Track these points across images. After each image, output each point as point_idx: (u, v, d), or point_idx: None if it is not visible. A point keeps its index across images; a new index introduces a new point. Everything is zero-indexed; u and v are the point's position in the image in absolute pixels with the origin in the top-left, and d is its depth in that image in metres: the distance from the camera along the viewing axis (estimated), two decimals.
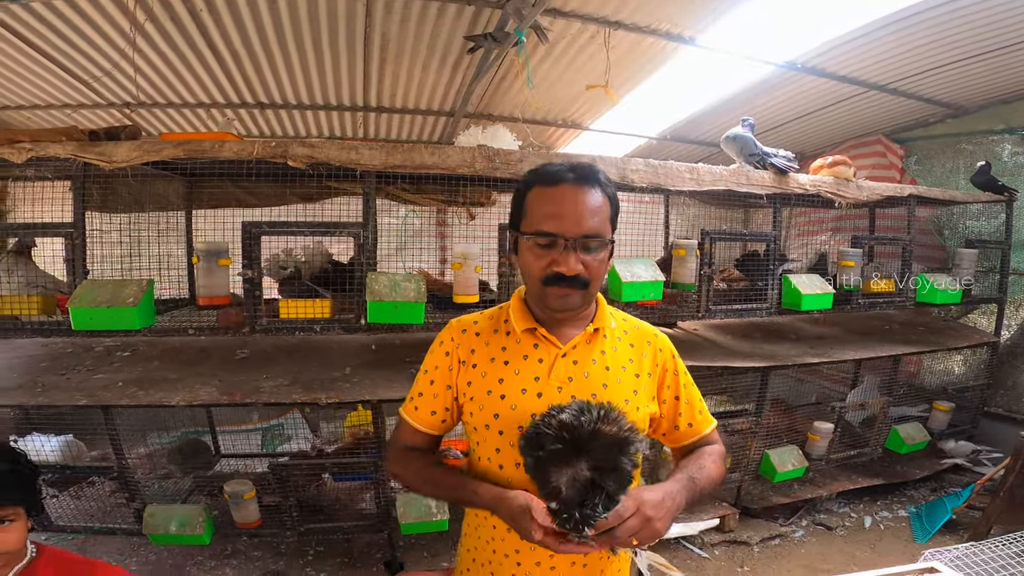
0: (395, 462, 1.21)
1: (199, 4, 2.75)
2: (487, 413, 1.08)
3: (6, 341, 2.64)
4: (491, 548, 1.13)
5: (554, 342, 1.11)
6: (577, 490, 0.90)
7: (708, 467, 1.15)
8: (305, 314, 2.18)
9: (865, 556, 2.80)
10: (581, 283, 1.04)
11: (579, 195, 1.04)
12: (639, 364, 1.16)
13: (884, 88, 3.85)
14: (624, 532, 0.91)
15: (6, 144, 2.02)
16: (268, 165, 2.18)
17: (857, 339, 3.37)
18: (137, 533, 2.42)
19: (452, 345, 1.15)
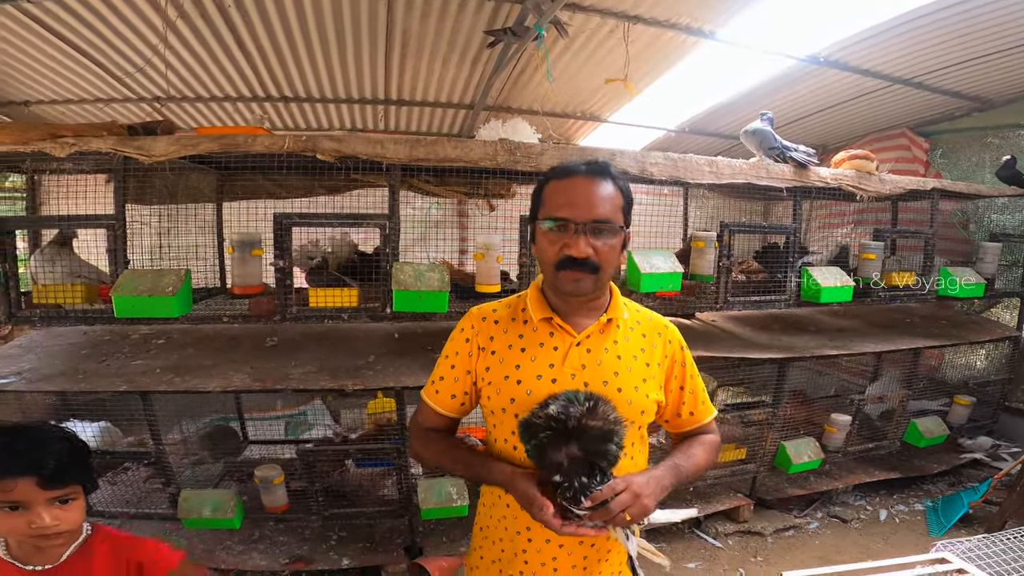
0: (416, 441, 1.28)
1: (227, 1, 2.81)
2: (504, 397, 1.14)
3: (48, 329, 2.76)
4: (503, 526, 1.19)
5: (569, 331, 1.16)
6: (573, 467, 1.00)
7: (697, 455, 1.22)
8: (333, 303, 2.24)
9: (879, 548, 2.81)
10: (591, 267, 1.09)
11: (590, 185, 1.11)
12: (650, 354, 1.21)
13: (908, 82, 3.80)
14: (617, 505, 1.00)
15: (48, 138, 2.09)
16: (297, 158, 2.24)
17: (877, 332, 3.36)
18: (171, 518, 2.51)
19: (472, 332, 1.21)
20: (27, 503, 1.10)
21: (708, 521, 3.01)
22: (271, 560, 2.42)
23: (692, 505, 1.22)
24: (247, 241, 2.29)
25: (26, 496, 1.10)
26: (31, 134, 2.10)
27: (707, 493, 3.09)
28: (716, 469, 3.02)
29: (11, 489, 1.08)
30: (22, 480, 1.09)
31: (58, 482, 1.13)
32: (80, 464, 1.20)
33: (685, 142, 5.39)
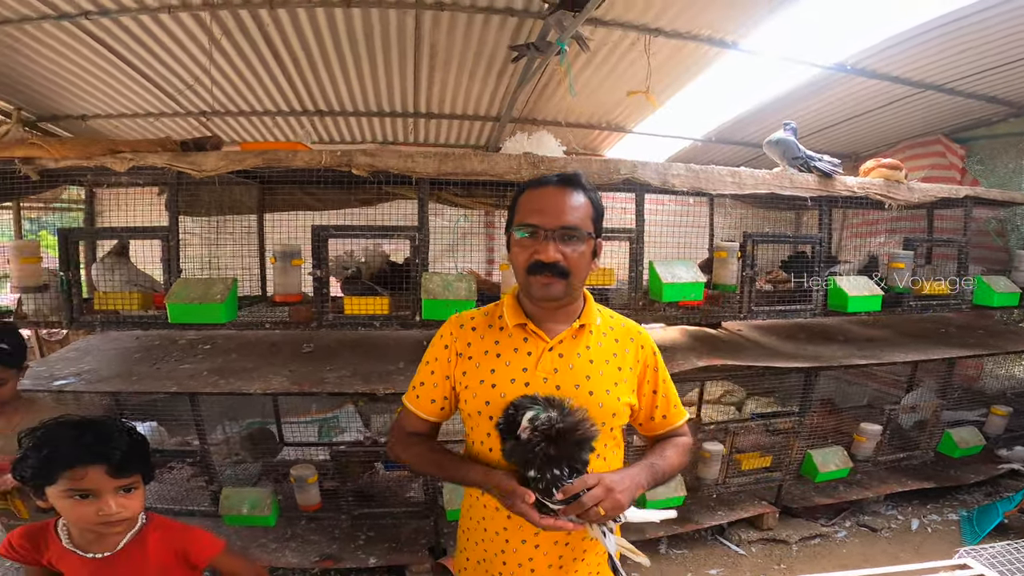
0: (397, 445, 1.32)
1: (266, 20, 2.97)
2: (480, 401, 1.18)
3: (104, 334, 2.96)
4: (482, 527, 1.23)
5: (542, 336, 1.21)
6: (546, 462, 1.04)
7: (670, 456, 1.27)
8: (366, 311, 2.35)
9: (908, 558, 2.77)
10: (560, 271, 1.14)
11: (560, 194, 1.17)
12: (622, 358, 1.25)
13: (940, 88, 3.74)
14: (589, 499, 1.04)
15: (109, 154, 2.26)
16: (333, 172, 2.36)
17: (909, 342, 3.31)
18: (212, 515, 2.64)
19: (451, 339, 1.26)
20: (97, 491, 1.19)
21: (731, 528, 3.01)
22: (302, 558, 2.52)
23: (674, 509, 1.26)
24: (288, 252, 2.43)
25: (96, 484, 1.19)
26: (93, 149, 2.26)
27: (730, 500, 3.09)
28: (740, 477, 3.02)
29: (83, 477, 1.17)
30: (93, 469, 1.18)
31: (124, 471, 1.22)
32: (141, 455, 1.29)
33: (711, 151, 5.39)
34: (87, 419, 1.30)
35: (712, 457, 2.91)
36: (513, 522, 1.17)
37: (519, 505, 1.05)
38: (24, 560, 1.28)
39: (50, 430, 1.23)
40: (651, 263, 2.57)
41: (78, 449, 1.19)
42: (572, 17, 2.51)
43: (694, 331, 3.38)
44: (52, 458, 1.18)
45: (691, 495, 2.90)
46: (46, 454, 1.19)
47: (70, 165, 2.27)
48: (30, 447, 1.21)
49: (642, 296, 2.61)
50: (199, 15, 2.85)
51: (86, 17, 2.78)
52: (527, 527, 1.15)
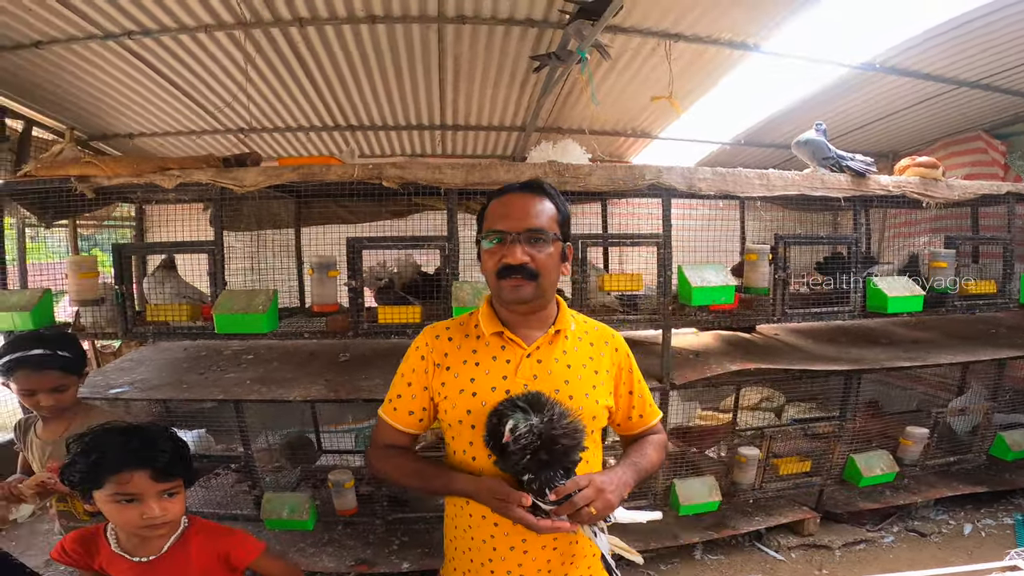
0: (376, 460, 1.31)
1: (296, 37, 3.09)
2: (460, 410, 1.19)
3: (155, 344, 3.13)
4: (469, 535, 1.22)
5: (519, 343, 1.23)
6: (539, 464, 1.06)
7: (649, 454, 1.30)
8: (399, 319, 2.42)
9: (960, 563, 2.67)
10: (529, 273, 1.16)
11: (523, 199, 1.20)
12: (598, 362, 1.27)
13: (976, 84, 3.63)
14: (581, 499, 1.05)
15: (158, 171, 2.39)
16: (365, 185, 2.44)
17: (957, 343, 3.21)
18: (254, 519, 2.72)
19: (427, 350, 1.26)
20: (141, 495, 1.24)
21: (769, 534, 2.95)
22: (338, 562, 2.58)
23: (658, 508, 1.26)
24: (325, 263, 2.53)
25: (140, 488, 1.24)
26: (144, 167, 2.40)
27: (768, 506, 3.03)
28: (778, 482, 2.96)
29: (128, 481, 1.23)
30: (138, 473, 1.23)
31: (167, 476, 1.27)
32: (183, 460, 1.34)
33: (741, 155, 5.32)
34: (132, 425, 1.35)
35: (748, 462, 2.86)
36: (500, 529, 1.17)
37: (515, 510, 1.05)
38: (76, 564, 1.34)
39: (98, 436, 1.28)
40: (679, 267, 2.56)
41: (125, 454, 1.24)
42: (591, 26, 2.53)
43: (727, 336, 3.34)
44: (99, 463, 1.23)
45: (726, 500, 2.86)
46: (94, 459, 1.24)
47: (122, 182, 2.39)
48: (78, 452, 1.27)
49: (671, 301, 2.61)
50: (233, 34, 2.98)
51: (129, 37, 2.92)
52: (514, 534, 1.16)
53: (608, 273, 2.68)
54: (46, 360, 1.72)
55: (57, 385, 1.74)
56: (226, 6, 2.74)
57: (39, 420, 1.84)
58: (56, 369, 1.73)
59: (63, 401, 1.77)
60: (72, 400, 1.82)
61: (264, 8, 2.77)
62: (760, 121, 4.41)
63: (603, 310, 2.67)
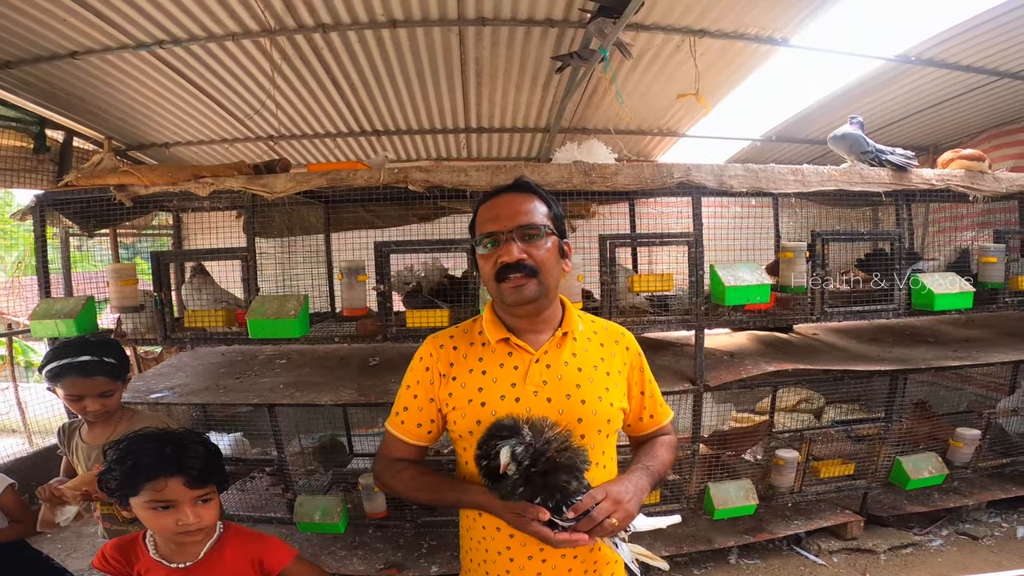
0: (385, 474, 1.27)
1: (320, 43, 3.13)
2: (470, 420, 1.15)
3: (194, 351, 3.21)
4: (483, 547, 1.19)
5: (526, 348, 1.18)
6: (546, 487, 1.01)
7: (661, 455, 1.25)
8: (427, 323, 2.42)
9: (1014, 566, 2.60)
10: (528, 270, 1.12)
11: (511, 199, 1.17)
12: (609, 363, 1.22)
13: (1018, 75, 3.48)
14: (600, 513, 1.01)
15: (192, 179, 2.45)
16: (392, 190, 2.46)
17: (1010, 341, 3.07)
18: (287, 522, 2.76)
19: (432, 360, 1.23)
20: (176, 501, 1.26)
21: (809, 538, 2.88)
22: (369, 565, 2.60)
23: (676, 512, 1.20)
24: (353, 268, 2.55)
25: (176, 495, 1.25)
26: (179, 175, 2.46)
27: (808, 509, 2.94)
28: (818, 485, 2.87)
29: (163, 488, 1.24)
30: (172, 480, 1.25)
31: (201, 482, 1.29)
32: (217, 466, 1.36)
33: (774, 151, 5.19)
34: (166, 432, 1.38)
35: (786, 465, 2.78)
36: (516, 540, 1.13)
37: (532, 525, 1.01)
38: (117, 572, 1.35)
39: (133, 443, 1.30)
40: (712, 267, 2.50)
41: (160, 461, 1.26)
42: (612, 24, 2.49)
43: (763, 336, 3.26)
44: (135, 471, 1.25)
45: (763, 504, 2.78)
46: (130, 466, 1.26)
47: (158, 191, 2.46)
48: (114, 459, 1.29)
49: (704, 301, 2.54)
50: (259, 41, 3.05)
51: (160, 46, 3.00)
52: (532, 544, 1.12)
53: (637, 274, 2.63)
54: (93, 366, 1.75)
55: (104, 391, 1.78)
56: (251, 14, 2.80)
57: (83, 424, 1.89)
58: (103, 375, 1.77)
59: (109, 406, 1.81)
60: (117, 405, 1.86)
61: (287, 15, 2.82)
62: (792, 116, 4.29)
63: (633, 311, 2.62)
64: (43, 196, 2.59)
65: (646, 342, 2.78)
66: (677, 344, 3.06)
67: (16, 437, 4.61)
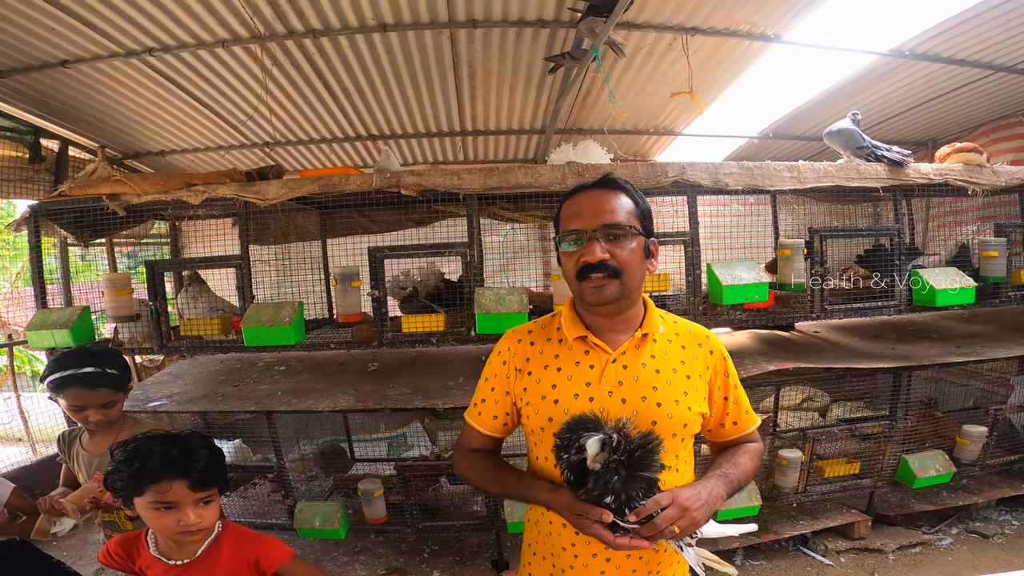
0: (461, 463, 1.30)
1: (311, 49, 3.12)
2: (543, 417, 1.15)
3: (193, 359, 3.20)
4: (551, 541, 1.19)
5: (604, 348, 1.17)
6: (620, 486, 0.99)
7: (743, 463, 1.21)
8: (423, 328, 2.42)
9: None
10: (611, 271, 1.11)
11: (596, 196, 1.15)
12: (690, 366, 1.19)
13: (1013, 69, 3.45)
14: (663, 520, 0.99)
15: (184, 187, 2.44)
16: (385, 194, 2.45)
17: (1015, 336, 3.03)
18: (288, 528, 2.75)
19: (509, 355, 1.24)
20: (178, 503, 1.29)
21: (816, 538, 2.86)
22: (370, 571, 2.61)
23: (751, 521, 1.16)
24: (347, 274, 2.54)
25: (178, 497, 1.29)
26: (171, 184, 2.46)
27: (813, 509, 2.93)
28: (823, 484, 2.85)
29: (167, 490, 1.28)
30: (176, 483, 1.28)
31: (203, 485, 1.32)
32: (220, 469, 1.39)
33: (771, 148, 5.16)
34: (172, 435, 1.41)
35: (790, 464, 2.75)
36: (581, 537, 1.12)
37: (593, 527, 1.00)
38: (120, 567, 1.40)
39: (139, 445, 1.34)
40: (709, 266, 2.48)
41: (164, 464, 1.29)
42: (603, 23, 2.47)
43: (764, 334, 3.23)
44: (140, 473, 1.29)
45: (767, 504, 2.76)
46: (136, 468, 1.29)
47: (151, 200, 2.45)
48: (121, 460, 1.32)
49: (702, 301, 2.52)
50: (250, 47, 3.04)
51: (151, 54, 2.99)
52: (596, 542, 1.10)
53: None
54: (96, 378, 1.77)
55: (106, 401, 1.80)
56: (240, 20, 2.79)
57: (84, 432, 1.89)
58: (106, 386, 1.79)
59: (111, 416, 1.83)
60: (119, 414, 1.88)
61: (277, 21, 2.81)
62: (788, 113, 4.26)
63: None
64: (37, 206, 2.59)
65: None
66: None
67: (19, 446, 4.63)
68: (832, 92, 3.81)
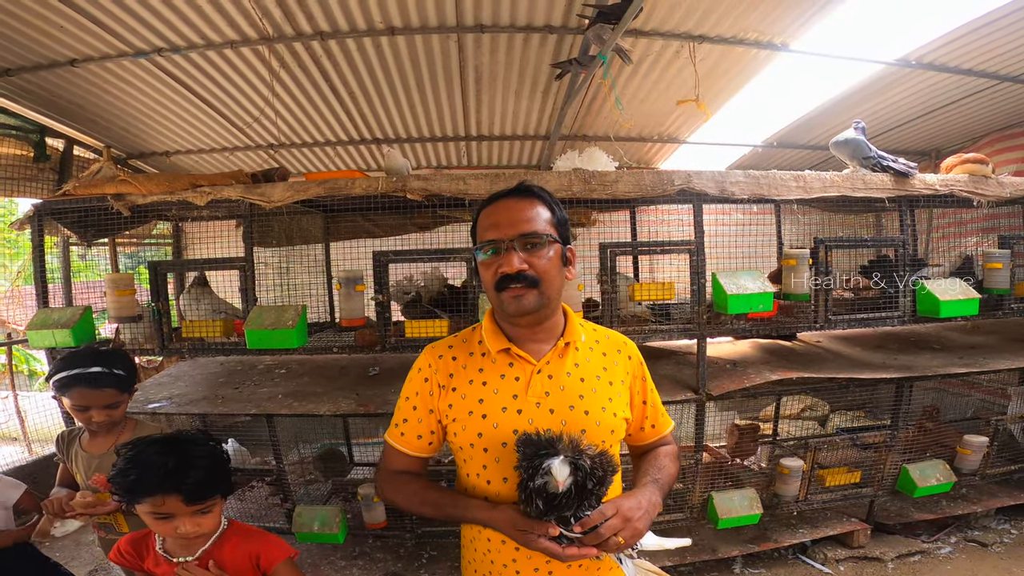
0: (387, 487, 1.25)
1: (318, 51, 3.12)
2: (471, 433, 1.13)
3: (193, 360, 3.19)
4: (489, 559, 1.17)
5: (528, 359, 1.16)
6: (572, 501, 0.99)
7: (667, 466, 1.23)
8: (426, 333, 2.40)
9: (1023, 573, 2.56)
10: (529, 280, 1.10)
11: (513, 205, 1.14)
12: (612, 372, 1.20)
13: (1019, 79, 3.46)
14: (607, 529, 0.99)
15: (190, 188, 2.44)
16: (390, 198, 2.44)
17: (1017, 347, 3.04)
18: (286, 532, 2.73)
19: (430, 371, 1.20)
20: (174, 514, 1.30)
21: (816, 546, 2.85)
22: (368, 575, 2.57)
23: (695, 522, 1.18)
24: (351, 278, 2.54)
25: (173, 509, 1.30)
26: (176, 184, 2.45)
27: (814, 518, 2.92)
28: (824, 493, 2.85)
29: (162, 504, 1.29)
30: (170, 498, 1.29)
31: (199, 498, 1.32)
32: (219, 478, 1.37)
33: (775, 157, 5.17)
34: (173, 441, 1.38)
35: (791, 473, 2.75)
36: (522, 553, 1.11)
37: (539, 542, 1.00)
38: (130, 565, 1.42)
39: (138, 453, 1.33)
40: (714, 275, 2.48)
41: (158, 480, 1.28)
42: (611, 30, 2.48)
43: (767, 344, 3.23)
44: (135, 487, 1.29)
45: (767, 512, 2.75)
46: (132, 480, 1.29)
47: (156, 200, 2.45)
48: (119, 470, 1.32)
49: (706, 310, 2.52)
50: (258, 49, 3.04)
51: (159, 54, 2.99)
52: (538, 557, 1.10)
53: (639, 282, 2.61)
54: (103, 378, 1.75)
55: (111, 402, 1.78)
56: (249, 22, 2.79)
57: (84, 433, 1.87)
58: (112, 387, 1.77)
59: (114, 417, 1.81)
60: (122, 416, 1.86)
61: (286, 23, 2.82)
62: (794, 122, 4.27)
63: (634, 320, 2.60)
64: (41, 205, 2.59)
65: (648, 351, 2.75)
66: (679, 353, 3.04)
67: (16, 445, 4.61)
68: (838, 101, 3.82)
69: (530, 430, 1.09)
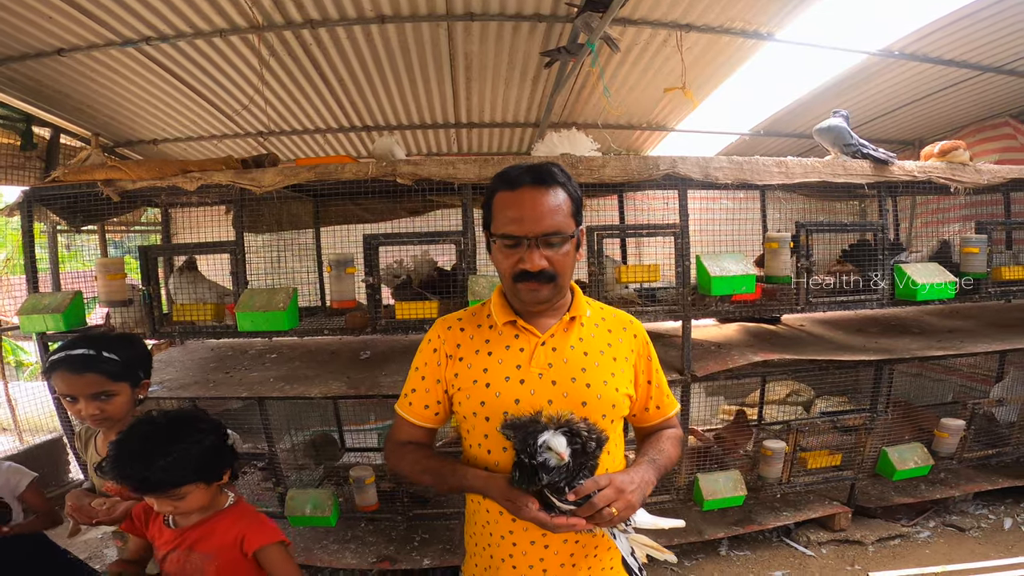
0: (392, 456, 1.28)
1: (308, 39, 3.12)
2: (474, 402, 1.16)
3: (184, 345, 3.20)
4: (488, 531, 1.20)
5: (533, 331, 1.19)
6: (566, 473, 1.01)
7: (667, 449, 1.24)
8: (416, 315, 2.43)
9: (1000, 557, 2.64)
10: (547, 277, 1.12)
11: (537, 196, 1.11)
12: (616, 349, 1.22)
13: (1000, 70, 3.53)
14: (601, 500, 1.01)
15: (180, 174, 2.44)
16: (380, 183, 2.45)
17: (994, 332, 3.11)
18: (279, 516, 2.74)
19: (439, 342, 1.24)
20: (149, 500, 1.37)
21: (799, 529, 2.91)
22: (361, 559, 2.61)
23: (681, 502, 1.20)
24: (342, 260, 2.55)
25: (149, 500, 1.37)
26: (167, 170, 2.45)
27: (796, 500, 2.97)
28: (807, 476, 2.90)
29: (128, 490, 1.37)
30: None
31: (156, 491, 1.32)
32: (188, 469, 1.32)
33: (762, 145, 5.23)
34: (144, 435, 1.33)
35: (774, 455, 2.81)
36: (519, 524, 1.14)
37: (527, 511, 1.01)
38: (137, 532, 1.48)
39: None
40: (698, 257, 2.53)
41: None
42: (599, 18, 2.50)
43: (751, 327, 3.29)
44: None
45: (752, 495, 2.81)
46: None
47: (146, 186, 2.45)
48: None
49: (690, 291, 2.57)
50: (248, 38, 3.04)
51: (147, 43, 2.97)
52: (534, 528, 1.11)
53: (625, 265, 2.65)
54: (86, 361, 1.49)
55: (98, 391, 1.50)
56: (238, 10, 2.79)
57: (99, 433, 1.65)
58: (96, 372, 1.49)
59: (108, 411, 1.52)
60: (122, 412, 1.56)
61: (275, 11, 2.81)
62: (780, 110, 4.33)
63: (621, 302, 2.64)
64: (31, 191, 2.58)
65: None
66: (666, 335, 3.09)
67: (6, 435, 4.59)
68: (822, 91, 3.87)
69: (532, 400, 1.12)
